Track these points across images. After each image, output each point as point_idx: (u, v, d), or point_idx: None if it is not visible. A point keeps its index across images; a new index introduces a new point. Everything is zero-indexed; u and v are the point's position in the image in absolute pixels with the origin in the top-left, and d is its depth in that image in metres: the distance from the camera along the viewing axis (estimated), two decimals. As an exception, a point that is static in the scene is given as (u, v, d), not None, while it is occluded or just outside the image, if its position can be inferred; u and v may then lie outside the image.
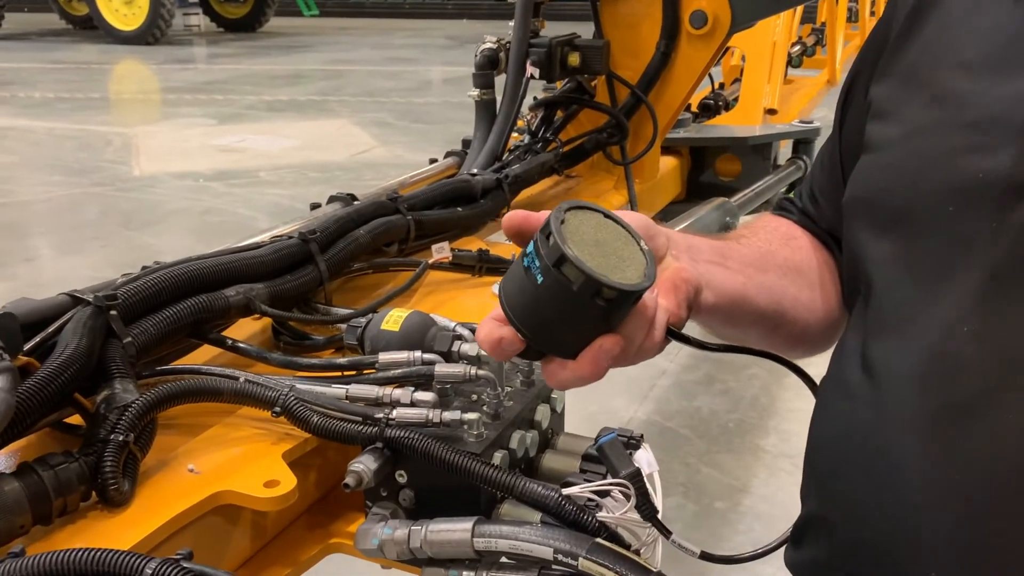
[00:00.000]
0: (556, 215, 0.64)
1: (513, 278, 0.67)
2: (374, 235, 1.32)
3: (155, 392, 0.89)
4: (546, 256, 0.62)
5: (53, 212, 5.59)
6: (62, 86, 9.71)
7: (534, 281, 0.63)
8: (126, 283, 1.02)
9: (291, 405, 0.92)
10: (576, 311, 0.63)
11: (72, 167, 6.43)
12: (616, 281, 0.62)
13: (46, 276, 4.47)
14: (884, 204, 0.78)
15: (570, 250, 0.61)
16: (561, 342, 0.67)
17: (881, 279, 0.77)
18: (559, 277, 0.62)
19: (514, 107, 1.81)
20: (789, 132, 2.67)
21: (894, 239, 0.76)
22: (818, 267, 0.95)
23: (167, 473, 0.89)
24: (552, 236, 0.62)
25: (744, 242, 0.92)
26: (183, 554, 0.63)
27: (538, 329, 0.66)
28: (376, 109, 8.50)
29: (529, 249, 0.65)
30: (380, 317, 1.04)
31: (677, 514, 2.70)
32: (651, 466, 0.98)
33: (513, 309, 0.66)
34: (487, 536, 0.84)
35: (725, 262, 0.84)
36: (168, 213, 5.49)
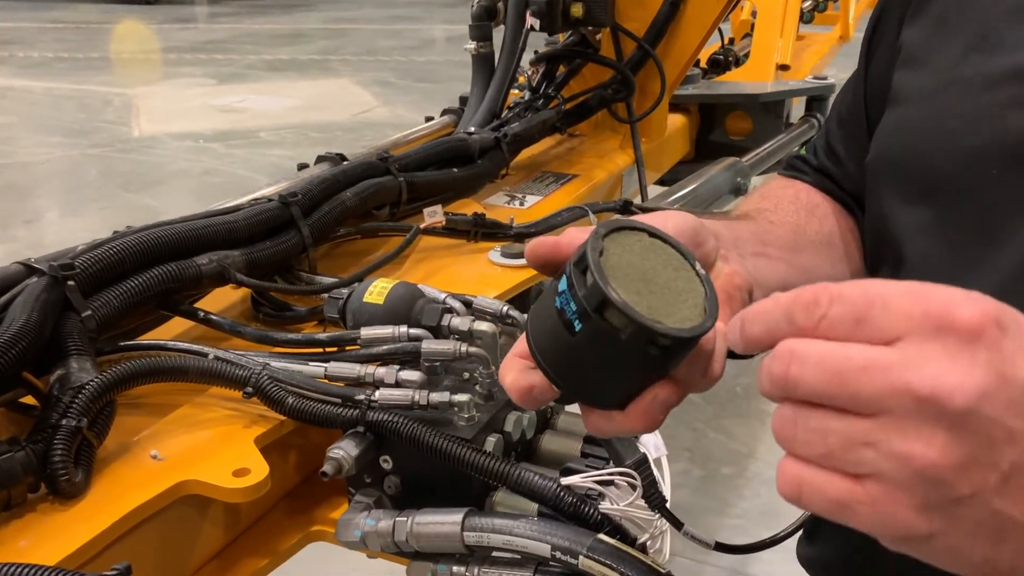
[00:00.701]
0: (593, 243, 0.52)
1: (543, 316, 0.54)
2: (362, 198, 1.24)
3: (112, 372, 0.81)
4: (585, 299, 0.50)
5: (52, 174, 5.55)
6: (61, 46, 9.58)
7: (570, 327, 0.51)
8: (85, 251, 0.93)
9: (264, 385, 0.84)
10: (623, 362, 0.52)
11: (71, 128, 6.36)
12: (673, 328, 0.50)
13: (46, 239, 4.41)
14: (915, 166, 0.69)
15: (614, 293, 0.49)
16: (605, 394, 0.56)
17: (913, 250, 0.68)
18: (602, 325, 0.50)
19: (513, 61, 1.71)
20: (802, 89, 2.56)
21: (928, 205, 0.67)
22: (843, 237, 0.86)
23: (128, 460, 0.81)
24: (590, 273, 0.50)
25: (776, 219, 0.82)
26: (119, 569, 0.55)
27: (576, 381, 0.55)
28: (378, 68, 8.36)
29: (562, 287, 0.52)
30: (363, 288, 0.95)
31: (683, 480, 2.66)
32: (659, 450, 0.90)
33: (544, 356, 0.55)
34: (478, 530, 0.77)
35: (767, 250, 0.75)
36: (168, 174, 5.43)
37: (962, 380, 0.40)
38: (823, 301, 0.43)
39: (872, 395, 0.41)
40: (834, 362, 0.42)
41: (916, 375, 0.40)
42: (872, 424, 0.41)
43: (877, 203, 0.74)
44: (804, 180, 0.92)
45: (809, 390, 0.42)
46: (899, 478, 0.41)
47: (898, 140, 0.72)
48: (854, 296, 0.43)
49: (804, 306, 0.44)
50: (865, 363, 0.41)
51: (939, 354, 0.40)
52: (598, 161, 1.85)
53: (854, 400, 0.41)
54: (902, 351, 0.41)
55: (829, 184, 0.91)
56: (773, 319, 0.45)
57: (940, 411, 0.40)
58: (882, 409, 0.41)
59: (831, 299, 0.43)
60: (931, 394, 0.40)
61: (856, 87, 0.86)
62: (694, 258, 0.55)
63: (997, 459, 0.40)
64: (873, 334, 0.42)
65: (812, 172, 0.93)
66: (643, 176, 1.88)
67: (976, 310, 0.41)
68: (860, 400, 0.41)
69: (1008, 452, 0.40)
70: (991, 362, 0.40)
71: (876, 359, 0.41)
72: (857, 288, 0.43)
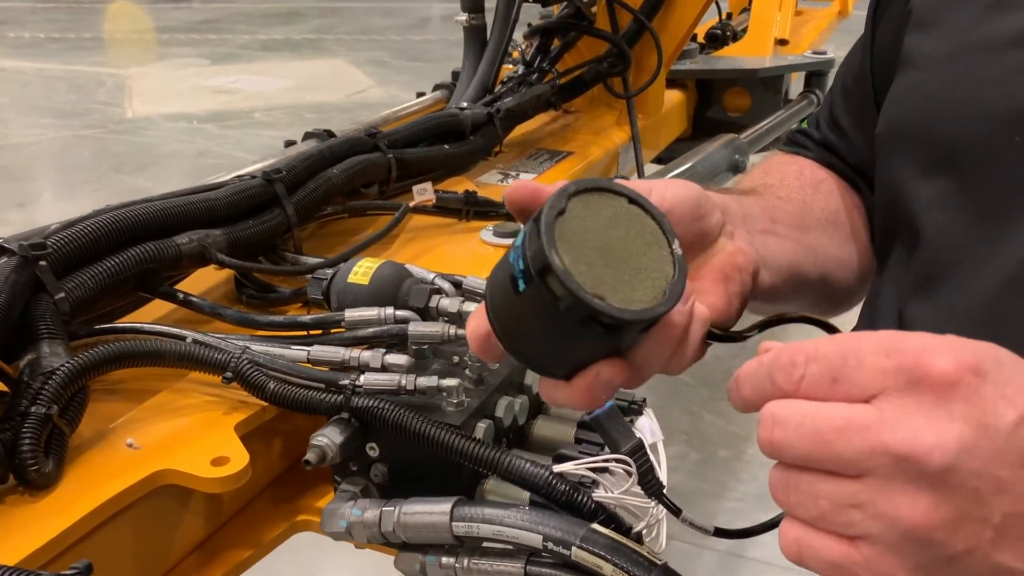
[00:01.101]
0: (554, 201, 0.48)
1: (500, 268, 0.51)
2: (349, 175, 1.20)
3: (84, 356, 0.77)
4: (531, 260, 0.46)
5: (44, 155, 5.51)
6: (53, 26, 9.49)
7: (516, 285, 0.48)
8: (59, 229, 0.90)
9: (244, 370, 0.80)
10: (563, 333, 0.48)
11: (63, 109, 6.30)
12: (615, 307, 0.46)
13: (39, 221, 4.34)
14: (930, 135, 0.65)
15: (557, 258, 0.45)
16: (547, 360, 0.52)
17: (929, 225, 0.64)
18: (542, 290, 0.46)
19: (506, 34, 1.67)
20: (802, 64, 2.51)
21: (944, 177, 0.64)
22: (849, 214, 0.82)
23: (102, 448, 0.78)
24: (541, 230, 0.46)
25: (783, 195, 0.78)
26: (79, 568, 0.52)
27: (519, 342, 0.51)
28: (372, 48, 8.29)
29: (518, 241, 0.48)
30: (348, 268, 0.92)
31: (680, 463, 2.64)
32: (655, 435, 0.87)
33: (494, 309, 0.51)
34: (468, 520, 0.74)
35: (775, 228, 0.71)
36: (161, 156, 5.39)
37: (939, 438, 0.39)
38: (799, 362, 0.43)
39: (853, 456, 0.40)
40: (812, 424, 0.41)
41: (892, 435, 0.39)
42: (858, 486, 0.40)
43: (888, 176, 0.70)
44: (806, 155, 0.89)
45: (794, 453, 0.42)
46: (889, 540, 0.40)
47: (911, 108, 0.68)
48: (829, 354, 0.42)
49: (783, 368, 0.43)
50: (843, 424, 0.40)
51: (914, 411, 0.39)
52: (594, 138, 1.82)
53: (837, 462, 0.41)
54: (879, 409, 0.40)
55: (833, 159, 0.87)
56: (759, 381, 0.45)
57: (920, 471, 0.39)
58: (865, 470, 0.40)
59: (807, 359, 0.43)
60: (908, 454, 0.39)
61: (862, 55, 0.82)
62: (674, 235, 0.51)
63: (987, 513, 0.39)
64: (851, 391, 0.41)
65: (815, 147, 0.89)
66: (640, 153, 1.84)
67: (950, 360, 0.40)
68: (842, 461, 0.41)
69: (999, 504, 0.39)
70: (969, 415, 0.39)
71: (853, 419, 0.40)
72: (831, 345, 0.42)
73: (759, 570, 2.20)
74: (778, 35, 2.66)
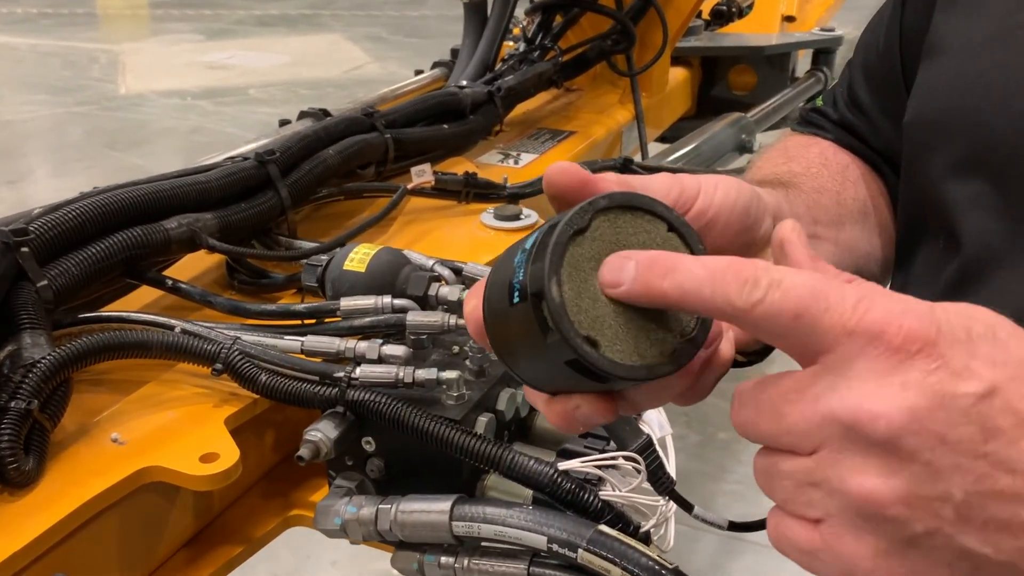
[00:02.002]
0: (575, 216, 0.41)
1: (506, 260, 0.45)
2: (345, 156, 1.16)
3: (67, 348, 0.74)
4: (529, 278, 0.41)
5: (37, 132, 5.45)
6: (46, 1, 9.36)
7: (511, 295, 0.42)
8: (42, 214, 0.86)
9: (234, 361, 0.77)
10: (547, 359, 0.42)
11: (56, 85, 6.23)
12: (605, 359, 0.40)
13: (31, 200, 4.32)
14: (968, 129, 0.60)
15: (556, 288, 0.39)
16: (529, 373, 0.47)
17: (968, 227, 0.60)
18: (534, 315, 0.41)
19: (507, 10, 1.62)
20: (809, 41, 2.46)
21: (984, 175, 0.59)
22: (875, 203, 0.77)
23: (87, 444, 0.75)
24: (548, 250, 0.40)
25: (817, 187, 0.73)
26: (52, 583, 0.48)
27: (505, 347, 0.46)
28: (369, 23, 8.19)
29: (528, 241, 0.43)
30: (343, 254, 0.88)
31: (680, 444, 2.59)
32: (663, 428, 0.84)
33: (488, 304, 0.46)
34: (468, 519, 0.71)
35: (816, 229, 0.67)
36: (155, 133, 5.34)
37: (886, 405, 0.35)
38: (763, 283, 0.37)
39: (805, 428, 0.37)
40: (769, 399, 0.39)
41: (840, 402, 0.36)
42: (812, 461, 0.38)
43: (920, 170, 0.65)
44: (825, 136, 0.84)
45: (758, 433, 0.40)
46: (845, 518, 0.37)
47: (944, 99, 0.63)
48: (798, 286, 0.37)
49: (741, 282, 0.38)
50: (796, 395, 0.38)
51: (866, 375, 0.36)
52: (596, 117, 1.78)
53: (792, 437, 0.38)
54: (831, 373, 0.37)
55: (852, 140, 0.82)
56: (693, 281, 0.39)
57: (867, 440, 0.36)
58: (818, 443, 0.37)
59: (771, 284, 0.37)
60: (853, 422, 0.36)
61: (888, 32, 0.77)
62: None
63: (945, 491, 0.36)
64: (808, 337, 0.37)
65: (832, 127, 0.84)
66: (643, 132, 1.80)
67: (913, 324, 0.36)
68: (796, 436, 0.38)
69: (958, 481, 0.35)
70: (925, 383, 0.35)
71: (805, 389, 0.37)
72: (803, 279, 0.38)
73: (759, 552, 2.19)
74: (785, 11, 2.61)
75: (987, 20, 0.61)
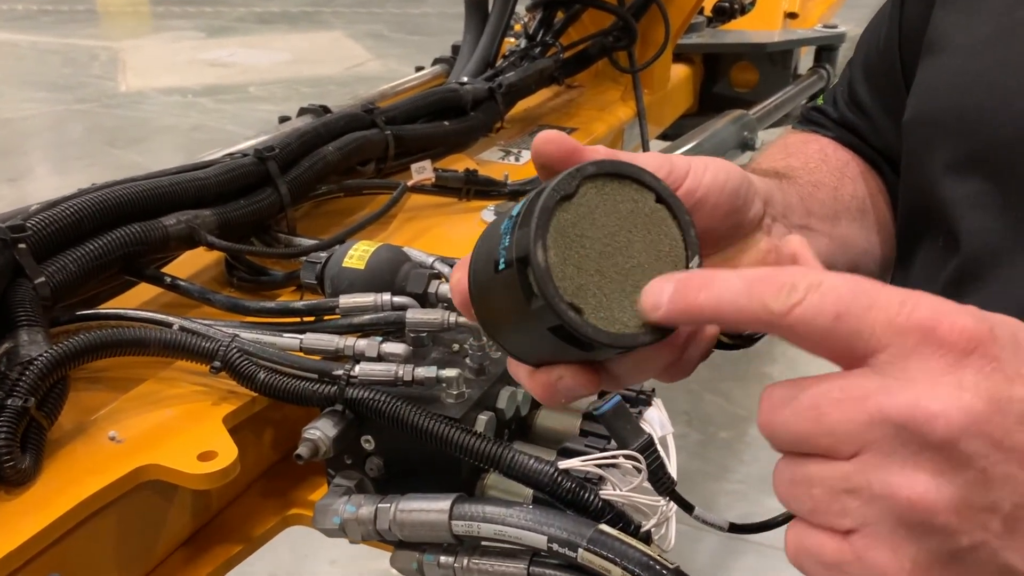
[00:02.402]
0: (563, 181, 0.41)
1: (492, 229, 0.45)
2: (345, 152, 1.15)
3: (64, 345, 0.73)
4: (515, 244, 0.41)
5: (37, 130, 5.44)
6: (46, -2, 9.36)
7: (496, 263, 0.42)
8: (39, 210, 0.85)
9: (233, 359, 0.77)
10: (532, 328, 0.42)
11: (56, 83, 6.22)
12: (589, 324, 0.40)
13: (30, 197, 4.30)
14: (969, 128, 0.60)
15: (542, 252, 0.39)
16: (513, 344, 0.46)
17: (968, 226, 0.59)
18: (518, 281, 0.40)
19: (508, 6, 1.62)
20: (812, 38, 2.45)
21: (982, 175, 0.58)
22: (874, 201, 0.77)
23: (84, 442, 0.74)
24: (534, 215, 0.40)
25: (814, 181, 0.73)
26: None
27: (489, 316, 0.46)
28: (371, 20, 8.18)
29: (516, 210, 0.43)
30: (343, 251, 0.87)
31: (681, 444, 2.60)
32: (664, 428, 0.83)
33: (474, 274, 0.46)
34: (468, 519, 0.70)
35: (810, 221, 0.66)
36: (155, 130, 5.32)
37: (945, 405, 0.33)
38: (799, 286, 0.36)
39: (849, 430, 0.35)
40: (808, 398, 0.36)
41: (891, 400, 0.34)
42: (853, 466, 0.35)
43: (920, 169, 0.65)
44: (825, 135, 0.83)
45: (789, 434, 0.37)
46: (884, 527, 0.35)
47: (946, 97, 0.62)
48: (838, 287, 0.36)
49: (778, 287, 0.37)
50: (840, 395, 0.36)
51: (920, 375, 0.34)
52: (598, 114, 1.77)
53: (832, 438, 0.36)
54: (878, 373, 0.35)
55: (853, 139, 0.82)
56: (732, 293, 0.38)
57: (921, 442, 0.34)
58: (862, 445, 0.35)
59: (809, 287, 0.36)
60: (908, 421, 0.34)
61: (888, 29, 0.76)
62: (696, 251, 0.44)
63: (996, 501, 0.34)
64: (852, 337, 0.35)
65: (833, 125, 0.84)
66: (645, 130, 1.80)
67: (968, 322, 0.35)
68: (838, 437, 0.36)
69: (1008, 490, 0.34)
70: (981, 386, 0.34)
71: (851, 389, 0.35)
72: (843, 280, 0.36)
73: (761, 552, 2.18)
74: (787, 8, 2.59)
75: (987, 18, 0.61)
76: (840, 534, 0.36)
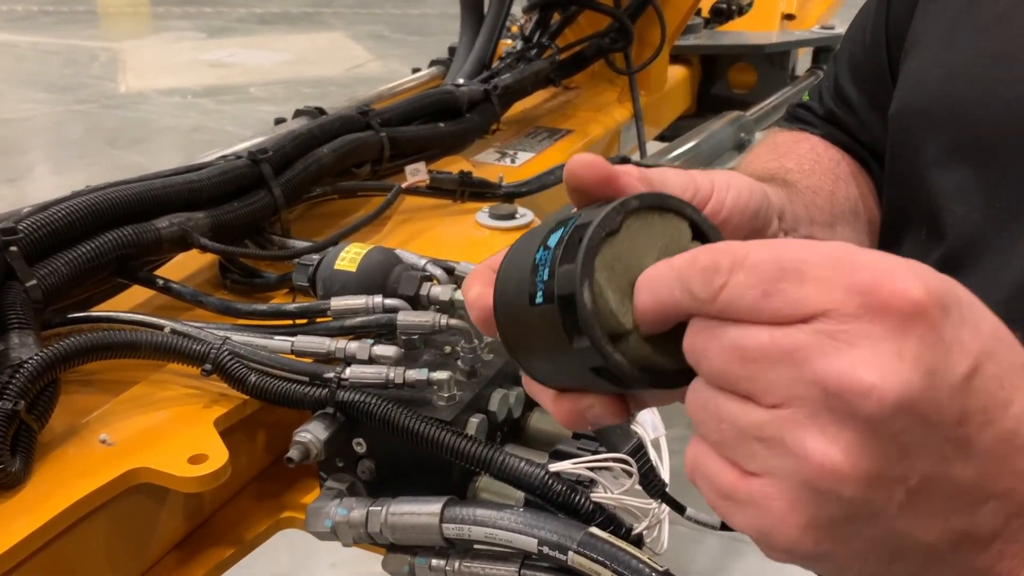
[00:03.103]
0: (608, 216, 0.40)
1: (522, 253, 0.43)
2: (340, 154, 1.15)
3: (55, 348, 0.73)
4: (558, 279, 0.39)
5: (37, 130, 5.44)
6: (47, -1, 9.36)
7: (533, 294, 0.41)
8: (31, 213, 0.85)
9: (224, 361, 0.76)
10: (569, 365, 0.42)
11: (57, 83, 6.22)
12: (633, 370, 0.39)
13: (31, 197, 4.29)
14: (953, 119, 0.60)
15: (588, 294, 0.38)
16: (542, 371, 0.46)
17: (951, 216, 0.60)
18: (560, 319, 0.40)
19: (504, 8, 1.61)
20: (809, 39, 2.45)
21: (968, 165, 0.59)
22: (865, 202, 0.77)
23: (75, 444, 0.74)
24: (579, 254, 0.39)
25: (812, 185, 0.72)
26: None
27: (518, 342, 0.45)
28: (371, 21, 8.17)
29: (553, 239, 0.41)
30: (335, 254, 0.87)
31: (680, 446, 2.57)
32: (656, 430, 0.83)
33: (501, 298, 0.45)
34: (459, 521, 0.70)
35: (812, 230, 0.66)
36: (155, 131, 5.32)
37: (883, 377, 0.32)
38: (724, 267, 0.35)
39: (772, 381, 0.34)
40: (735, 338, 0.35)
41: (826, 363, 0.33)
42: (769, 416, 0.34)
43: (906, 160, 0.65)
44: (813, 132, 0.83)
45: (711, 368, 0.36)
46: (789, 484, 0.34)
47: (932, 89, 0.63)
48: (763, 262, 0.34)
49: (701, 272, 0.35)
50: (768, 342, 0.34)
51: (858, 340, 0.32)
52: (594, 115, 1.77)
53: (753, 384, 0.34)
54: (815, 333, 0.33)
55: (839, 134, 0.81)
56: (665, 287, 0.37)
57: (849, 411, 0.32)
58: (784, 400, 0.34)
59: (733, 264, 0.35)
60: (840, 389, 0.32)
61: (875, 25, 0.76)
62: None
63: (907, 472, 0.33)
64: (783, 309, 0.34)
65: (820, 122, 0.84)
66: (642, 131, 1.80)
67: (915, 287, 0.33)
68: (760, 385, 0.34)
69: (920, 464, 0.33)
70: (921, 356, 0.32)
71: (782, 341, 0.34)
72: (767, 251, 0.35)
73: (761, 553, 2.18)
74: (785, 9, 2.59)
75: (970, 11, 0.61)
76: (740, 470, 0.36)
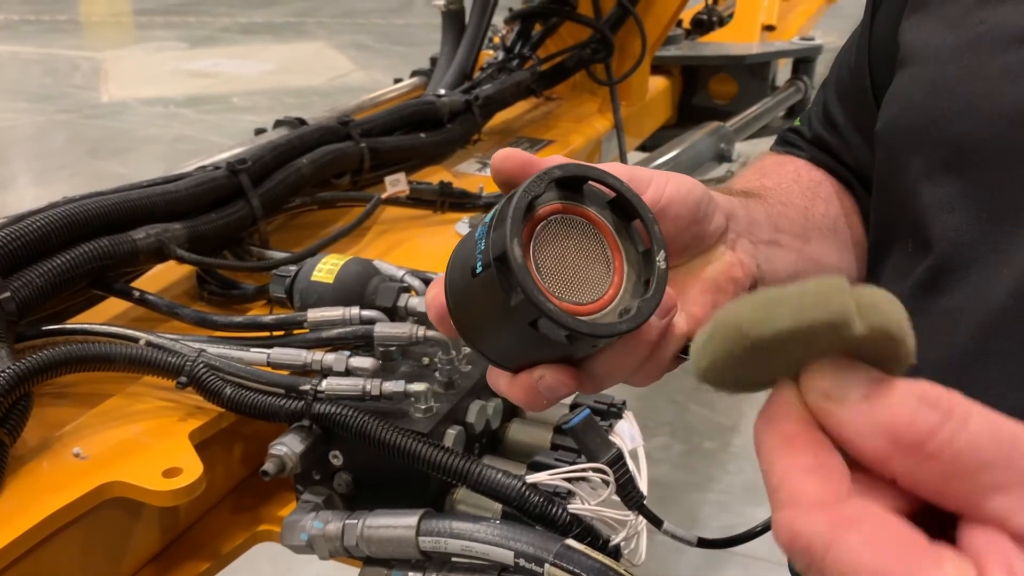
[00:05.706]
0: (532, 184, 0.42)
1: (467, 241, 0.46)
2: (319, 165, 1.15)
3: (27, 362, 0.72)
4: (491, 245, 0.42)
5: (17, 140, 5.40)
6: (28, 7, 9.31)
7: (473, 268, 0.43)
8: (5, 225, 0.84)
9: (199, 374, 0.76)
10: (511, 328, 0.43)
11: (37, 93, 6.18)
12: (571, 317, 0.41)
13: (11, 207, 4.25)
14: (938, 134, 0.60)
15: (518, 249, 0.40)
16: (493, 349, 0.47)
17: (942, 230, 0.60)
18: (496, 280, 0.41)
19: (485, 18, 1.62)
20: (789, 50, 2.47)
21: (955, 178, 0.59)
22: (848, 220, 0.77)
23: (48, 458, 0.73)
24: (508, 216, 0.41)
25: (785, 200, 0.73)
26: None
27: (468, 323, 0.47)
28: (355, 31, 8.17)
29: (488, 217, 0.44)
30: (312, 265, 0.87)
31: (664, 455, 2.61)
32: (635, 440, 0.83)
33: (451, 285, 0.46)
34: (435, 534, 0.70)
35: (779, 238, 0.66)
36: (138, 141, 5.29)
37: None
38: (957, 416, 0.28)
39: None
40: None
41: None
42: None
43: (891, 177, 0.65)
44: (799, 155, 0.84)
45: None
46: None
47: (915, 104, 0.63)
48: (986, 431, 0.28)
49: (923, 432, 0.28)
50: None
51: None
52: (575, 126, 1.77)
53: None
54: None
55: (826, 158, 0.82)
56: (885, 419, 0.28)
57: None
58: None
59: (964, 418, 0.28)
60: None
61: (859, 48, 0.77)
62: (662, 246, 0.45)
63: None
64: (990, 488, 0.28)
65: (807, 145, 0.85)
66: (623, 142, 1.80)
67: None
68: None
69: None
70: None
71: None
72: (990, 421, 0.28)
73: (745, 564, 2.18)
74: (765, 21, 2.61)
75: (955, 30, 0.62)
76: None
